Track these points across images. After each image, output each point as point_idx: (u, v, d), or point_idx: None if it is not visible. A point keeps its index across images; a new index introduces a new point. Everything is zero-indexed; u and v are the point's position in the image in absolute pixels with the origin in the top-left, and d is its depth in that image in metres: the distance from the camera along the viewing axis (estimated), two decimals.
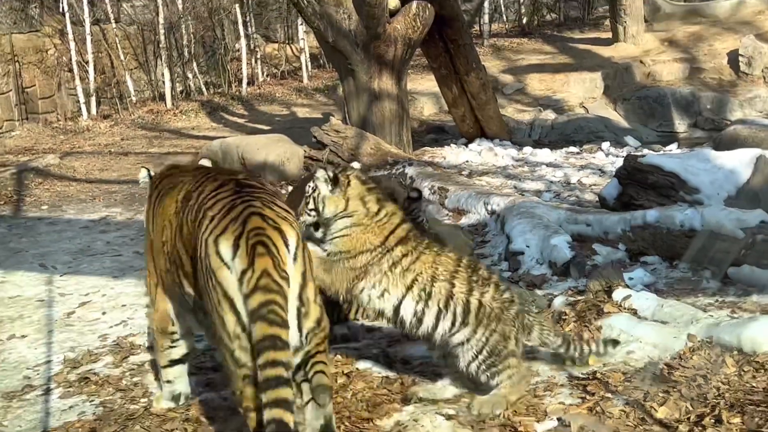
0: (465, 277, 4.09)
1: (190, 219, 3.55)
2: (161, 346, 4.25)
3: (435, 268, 4.09)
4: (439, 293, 4.05)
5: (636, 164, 7.72)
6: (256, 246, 3.22)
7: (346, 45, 11.81)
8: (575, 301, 5.46)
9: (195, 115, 18.92)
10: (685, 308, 5.03)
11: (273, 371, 3.05)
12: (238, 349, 3.25)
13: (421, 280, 4.06)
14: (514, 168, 11.81)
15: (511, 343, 4.08)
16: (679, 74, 17.39)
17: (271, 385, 3.04)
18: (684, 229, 6.28)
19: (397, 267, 4.04)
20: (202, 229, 3.39)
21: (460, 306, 4.05)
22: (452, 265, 4.12)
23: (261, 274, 3.18)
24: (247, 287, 3.18)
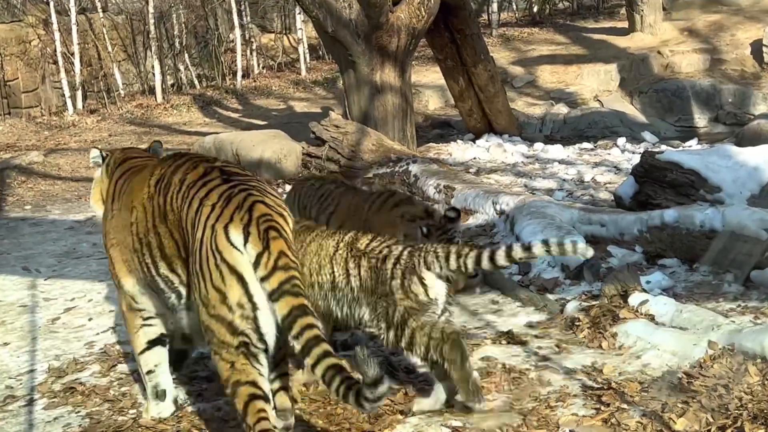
0: (343, 256, 4.14)
1: (176, 205, 3.82)
2: (133, 326, 4.37)
3: (318, 256, 4.17)
4: (326, 280, 4.15)
5: (653, 161, 7.72)
6: (269, 231, 3.59)
7: (347, 35, 11.81)
8: (589, 306, 5.46)
9: (187, 109, 18.95)
10: (705, 314, 5.03)
11: (311, 332, 3.36)
12: (239, 318, 3.53)
13: (311, 273, 4.17)
14: (524, 165, 11.81)
15: (406, 302, 4.01)
16: (699, 66, 17.38)
17: (313, 344, 3.34)
18: (704, 230, 6.28)
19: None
20: (202, 216, 3.68)
21: (345, 287, 4.12)
22: (332, 247, 4.17)
23: (278, 255, 3.54)
24: (265, 269, 3.51)
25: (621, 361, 4.67)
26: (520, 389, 4.44)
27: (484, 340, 5.18)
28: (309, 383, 4.59)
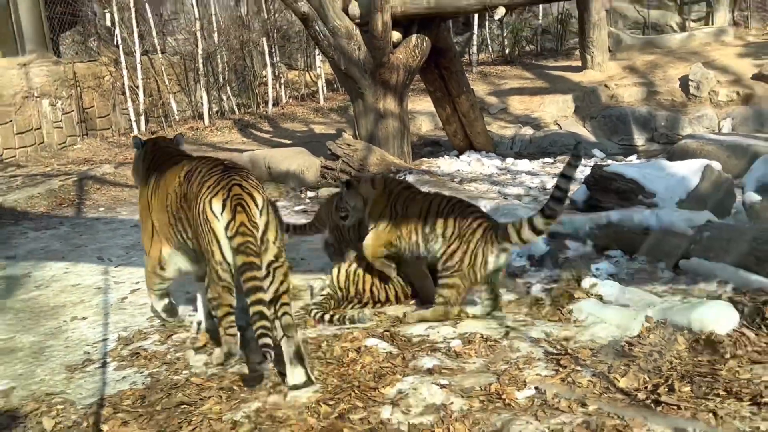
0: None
1: (193, 189, 4.42)
2: (152, 284, 5.14)
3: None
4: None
5: (601, 172, 7.71)
6: (236, 206, 4.20)
7: (356, 72, 11.81)
8: (550, 288, 5.47)
9: (228, 131, 18.91)
10: (643, 294, 5.05)
11: (253, 283, 4.06)
12: (221, 270, 4.27)
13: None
14: (498, 176, 11.80)
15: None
16: (638, 96, 17.32)
17: (252, 291, 4.03)
18: (642, 227, 6.28)
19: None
20: (201, 193, 4.32)
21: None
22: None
23: (240, 224, 4.16)
24: (231, 232, 4.18)
25: (576, 332, 4.68)
26: (495, 354, 4.44)
27: (466, 315, 5.18)
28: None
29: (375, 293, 5.50)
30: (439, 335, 4.81)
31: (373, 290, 5.50)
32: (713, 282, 5.32)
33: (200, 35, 19.98)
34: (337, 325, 5.12)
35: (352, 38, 11.66)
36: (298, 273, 6.71)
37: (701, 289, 5.26)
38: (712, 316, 4.43)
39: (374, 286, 5.49)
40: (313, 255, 7.44)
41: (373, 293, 5.51)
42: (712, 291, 5.18)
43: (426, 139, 16.41)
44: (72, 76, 16.72)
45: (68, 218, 10.19)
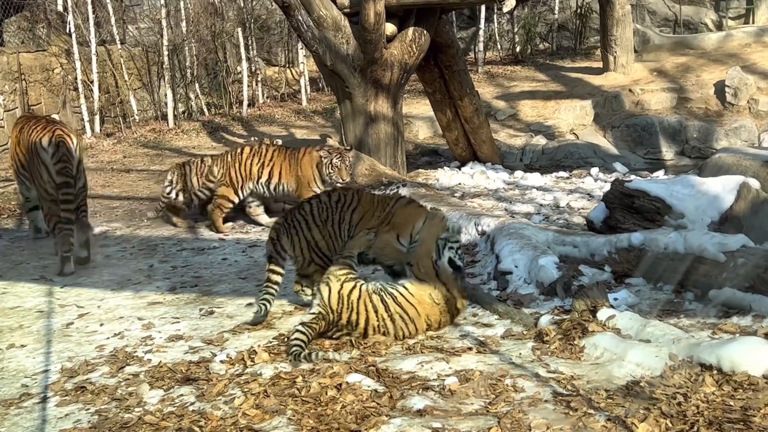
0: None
1: (30, 136, 8.04)
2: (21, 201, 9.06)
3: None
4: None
5: (623, 189, 7.75)
6: (59, 143, 7.82)
7: (344, 69, 11.87)
8: (561, 320, 5.48)
9: (196, 134, 18.94)
10: (667, 328, 5.05)
11: (66, 196, 7.83)
12: (48, 187, 7.87)
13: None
14: (505, 191, 11.85)
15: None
16: (667, 103, 17.47)
17: (66, 201, 7.79)
18: (668, 252, 6.31)
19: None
20: (33, 137, 7.93)
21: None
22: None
23: (62, 155, 7.80)
24: (54, 160, 7.79)
25: (589, 370, 4.69)
26: (496, 394, 4.45)
27: (464, 349, 5.19)
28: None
29: (370, 332, 5.44)
30: (432, 371, 4.81)
31: (368, 329, 5.43)
32: (748, 315, 5.35)
33: (166, 24, 20.06)
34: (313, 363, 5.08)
35: (339, 30, 11.73)
36: None
37: (734, 323, 5.28)
38: (745, 354, 4.44)
39: (374, 322, 5.46)
40: (290, 277, 7.44)
41: (367, 332, 5.42)
42: (747, 326, 5.21)
43: (423, 147, 16.49)
44: (17, 68, 16.72)
45: (7, 231, 10.17)
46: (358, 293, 5.46)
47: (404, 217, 6.06)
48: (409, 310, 5.48)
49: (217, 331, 5.88)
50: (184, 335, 5.84)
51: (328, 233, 6.20)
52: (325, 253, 6.20)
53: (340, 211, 6.21)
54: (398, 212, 6.11)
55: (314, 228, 6.21)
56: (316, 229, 6.20)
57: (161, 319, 6.26)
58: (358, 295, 5.45)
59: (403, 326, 5.45)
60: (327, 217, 6.21)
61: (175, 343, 5.70)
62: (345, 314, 5.42)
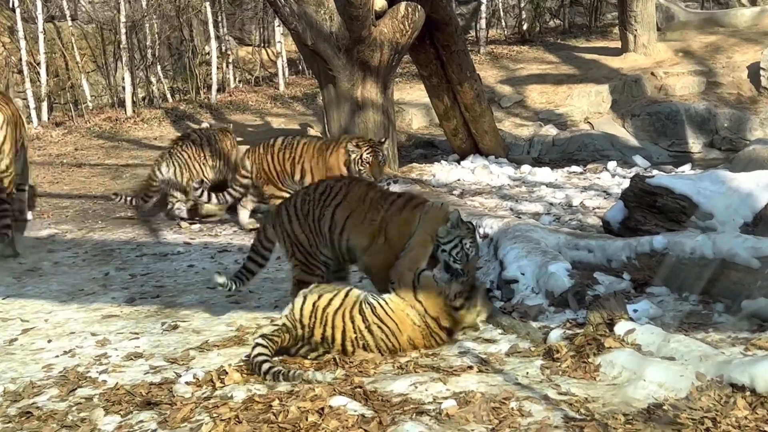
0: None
1: None
2: None
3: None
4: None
5: (644, 186, 7.77)
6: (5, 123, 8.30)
7: (327, 49, 11.86)
8: (573, 334, 5.48)
9: (158, 123, 18.91)
10: (694, 344, 5.06)
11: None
12: None
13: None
14: (510, 188, 11.87)
15: None
16: (694, 88, 17.53)
17: None
18: (694, 257, 6.32)
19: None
20: None
21: None
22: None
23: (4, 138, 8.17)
24: None
25: (605, 392, 4.69)
26: (500, 420, 4.45)
27: (463, 367, 5.19)
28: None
29: (348, 346, 5.48)
30: (427, 393, 4.81)
31: (346, 344, 5.45)
32: None
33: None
34: (274, 383, 5.08)
35: (322, 5, 11.74)
36: (244, 310, 6.71)
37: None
38: None
39: (351, 334, 5.44)
40: (265, 286, 7.44)
41: (346, 347, 5.45)
42: None
43: (417, 138, 16.51)
44: None
45: None
46: (338, 303, 5.47)
47: (400, 228, 6.04)
48: (388, 323, 5.49)
49: (182, 349, 5.87)
50: (144, 353, 5.83)
51: (308, 228, 6.25)
52: (306, 248, 6.29)
53: (322, 207, 6.24)
54: (392, 221, 6.10)
55: (294, 221, 6.32)
56: (296, 223, 6.31)
57: (118, 335, 6.25)
58: (338, 305, 5.47)
59: (384, 338, 5.45)
60: (308, 211, 6.29)
61: (133, 362, 5.68)
62: (318, 330, 5.43)
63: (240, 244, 9.16)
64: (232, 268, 8.12)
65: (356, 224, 6.18)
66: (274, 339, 5.37)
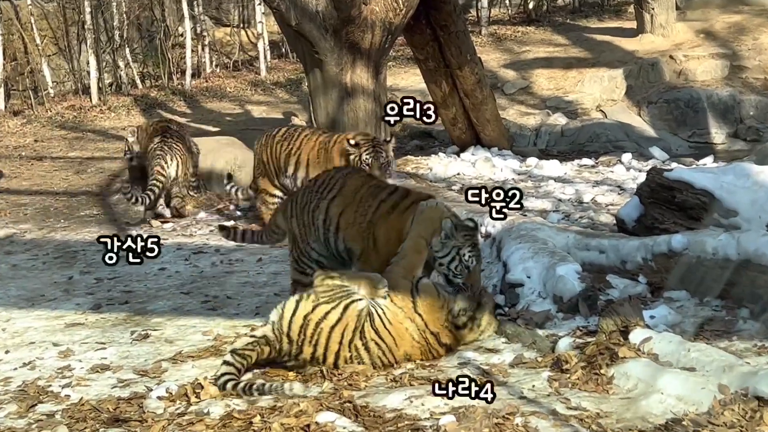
0: None
1: None
2: None
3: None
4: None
5: (661, 180, 7.78)
6: None
7: (313, 29, 11.85)
8: (584, 343, 5.49)
9: (127, 112, 18.90)
10: (716, 353, 5.07)
11: None
12: None
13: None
14: (515, 183, 11.89)
15: None
16: (717, 73, 17.56)
17: None
18: (717, 258, 6.33)
19: None
20: None
21: None
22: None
23: None
24: None
25: (619, 406, 4.70)
26: None
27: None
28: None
29: (342, 366, 5.40)
30: (423, 408, 4.81)
31: (339, 363, 5.39)
32: None
33: None
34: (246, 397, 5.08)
35: None
36: (222, 317, 6.71)
37: None
38: None
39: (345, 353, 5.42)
40: (245, 291, 7.44)
41: (338, 366, 5.39)
42: None
43: (413, 128, 16.51)
44: None
45: None
46: (335, 318, 5.39)
47: (388, 234, 5.99)
48: (386, 338, 5.45)
49: (153, 360, 5.87)
50: (111, 365, 5.82)
51: (303, 221, 6.33)
52: (299, 242, 6.36)
53: (319, 198, 6.28)
54: (380, 225, 6.06)
55: (295, 213, 6.42)
56: (295, 215, 6.40)
57: (82, 345, 6.24)
58: (334, 322, 5.38)
59: (381, 355, 5.44)
60: (306, 203, 6.36)
61: (100, 374, 5.68)
62: (308, 349, 5.37)
63: (217, 245, 9.16)
64: (208, 272, 8.13)
65: (348, 223, 6.16)
66: (247, 354, 5.32)
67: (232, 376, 5.18)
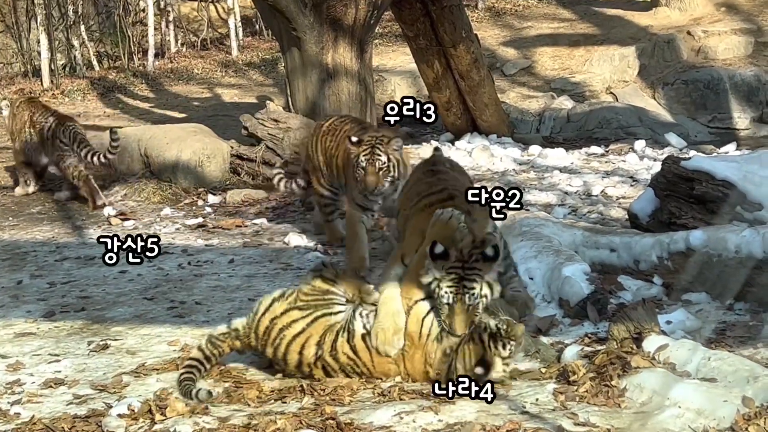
0: None
1: None
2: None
3: None
4: None
5: (678, 170, 7.79)
6: None
7: (290, 4, 11.84)
8: (593, 352, 5.52)
9: (83, 97, 18.88)
10: (740, 362, 5.09)
11: None
12: None
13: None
14: (516, 174, 11.89)
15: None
16: (740, 51, 17.58)
17: None
18: (740, 257, 6.35)
19: None
20: None
21: None
22: None
23: None
24: None
25: (632, 421, 4.72)
26: None
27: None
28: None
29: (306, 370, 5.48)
30: (414, 425, 4.82)
31: (303, 368, 5.47)
32: None
33: None
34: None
35: None
36: (189, 325, 6.71)
37: None
38: None
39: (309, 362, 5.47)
40: (215, 296, 7.44)
41: (302, 371, 5.48)
42: None
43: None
44: None
45: None
46: (299, 329, 5.47)
47: (413, 231, 5.97)
48: (362, 356, 5.46)
49: (113, 373, 5.86)
50: (66, 379, 5.81)
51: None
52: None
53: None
54: (410, 220, 6.12)
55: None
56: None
57: (34, 357, 6.23)
58: (298, 331, 5.47)
59: (354, 367, 5.46)
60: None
61: (54, 390, 5.67)
62: (269, 350, 5.54)
63: (184, 245, 9.15)
64: (174, 275, 8.12)
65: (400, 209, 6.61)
66: (219, 344, 5.58)
67: (189, 382, 5.35)
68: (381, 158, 7.97)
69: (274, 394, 5.36)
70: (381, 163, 7.94)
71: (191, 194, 11.27)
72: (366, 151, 7.99)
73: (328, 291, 5.57)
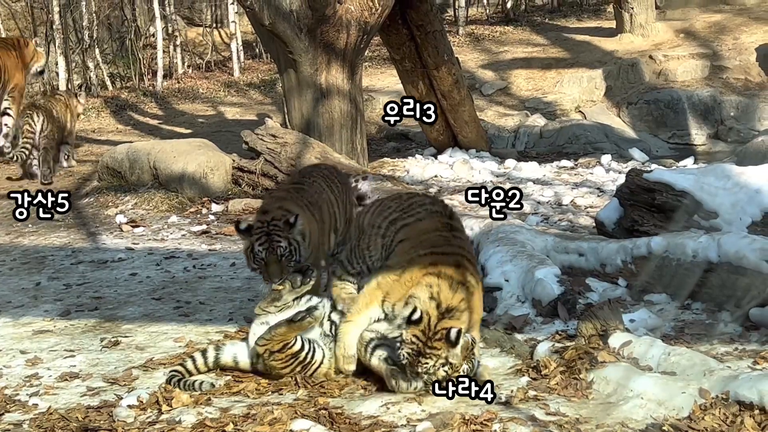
0: None
1: None
2: None
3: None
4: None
5: (641, 181, 7.80)
6: None
7: (287, 29, 11.83)
8: (563, 347, 5.51)
9: (97, 114, 18.82)
10: (697, 357, 5.09)
11: None
12: None
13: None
14: (493, 185, 11.89)
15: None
16: (698, 73, 17.64)
17: None
18: (697, 261, 6.36)
19: None
20: None
21: None
22: None
23: None
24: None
25: (599, 411, 4.72)
26: None
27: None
28: None
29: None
30: (399, 415, 4.82)
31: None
32: None
33: None
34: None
35: None
36: (194, 323, 6.69)
37: None
38: None
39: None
40: (218, 296, 7.42)
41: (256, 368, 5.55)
42: None
43: (389, 129, 16.51)
44: None
45: None
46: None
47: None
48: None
49: (123, 368, 5.84)
50: (80, 373, 5.79)
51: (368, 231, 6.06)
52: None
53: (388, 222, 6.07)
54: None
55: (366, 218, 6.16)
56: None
57: (51, 353, 6.20)
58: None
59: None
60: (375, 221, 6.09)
61: (69, 383, 5.64)
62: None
63: (189, 249, 9.13)
64: (180, 277, 8.10)
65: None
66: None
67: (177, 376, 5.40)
68: (281, 244, 5.88)
69: (271, 387, 5.35)
70: (282, 249, 5.88)
71: (196, 203, 11.25)
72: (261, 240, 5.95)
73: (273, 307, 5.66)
